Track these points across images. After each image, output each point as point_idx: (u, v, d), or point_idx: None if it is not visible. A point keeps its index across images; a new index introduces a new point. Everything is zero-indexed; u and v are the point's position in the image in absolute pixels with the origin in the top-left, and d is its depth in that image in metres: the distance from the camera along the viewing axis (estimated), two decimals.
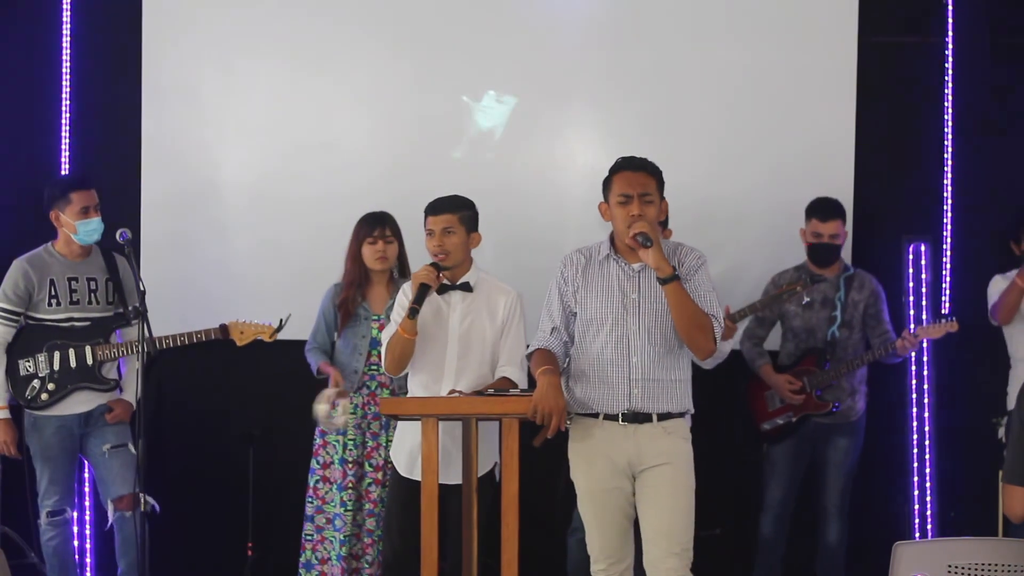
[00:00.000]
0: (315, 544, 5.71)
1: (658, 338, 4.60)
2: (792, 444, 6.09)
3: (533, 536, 4.60)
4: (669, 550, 4.53)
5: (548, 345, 4.72)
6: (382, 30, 6.59)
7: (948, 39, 6.62)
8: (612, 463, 4.60)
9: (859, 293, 6.10)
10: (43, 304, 5.66)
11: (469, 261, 5.06)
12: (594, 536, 4.67)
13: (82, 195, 5.65)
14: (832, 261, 6.11)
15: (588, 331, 4.66)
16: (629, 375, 4.59)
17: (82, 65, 6.59)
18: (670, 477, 4.57)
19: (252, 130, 6.61)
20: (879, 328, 6.10)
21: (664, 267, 4.52)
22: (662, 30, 6.59)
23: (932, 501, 6.46)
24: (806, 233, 6.11)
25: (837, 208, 6.08)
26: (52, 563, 5.74)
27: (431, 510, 4.60)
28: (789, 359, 6.12)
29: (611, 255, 4.68)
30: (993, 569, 3.85)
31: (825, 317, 6.08)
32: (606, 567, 4.65)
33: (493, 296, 5.04)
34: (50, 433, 5.68)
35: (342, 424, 5.55)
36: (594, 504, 4.65)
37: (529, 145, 6.61)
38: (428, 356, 4.99)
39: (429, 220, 5.02)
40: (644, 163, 4.68)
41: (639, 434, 4.59)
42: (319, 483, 5.72)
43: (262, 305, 6.36)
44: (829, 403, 6.01)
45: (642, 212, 4.57)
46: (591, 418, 4.64)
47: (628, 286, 4.64)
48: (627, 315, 4.61)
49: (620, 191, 4.62)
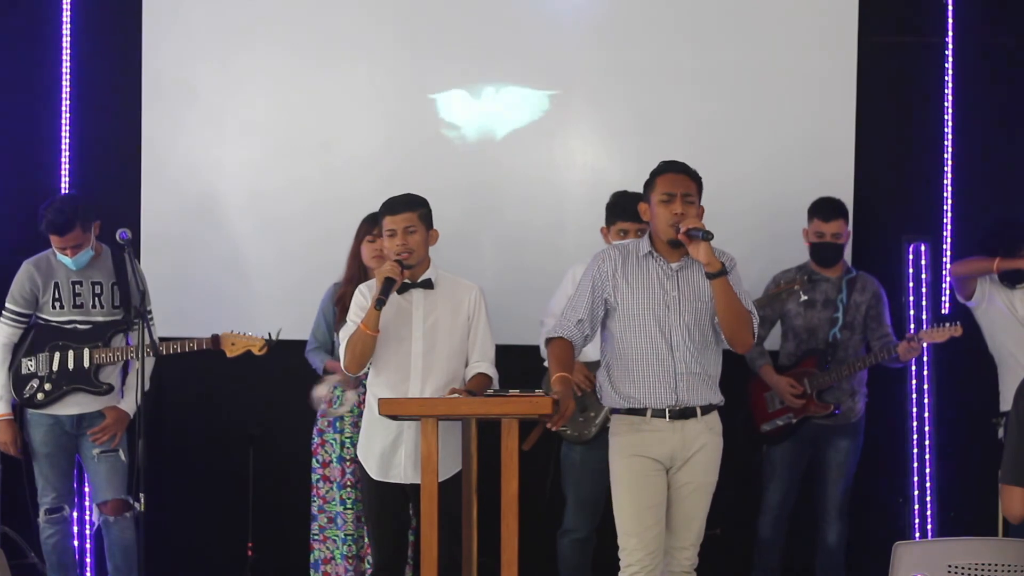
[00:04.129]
0: (319, 544, 5.72)
1: (697, 335, 4.75)
2: (792, 445, 6.08)
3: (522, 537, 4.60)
4: (690, 541, 4.77)
5: (571, 336, 4.79)
6: (383, 29, 6.59)
7: (948, 39, 6.62)
8: (656, 457, 4.73)
9: (861, 295, 6.10)
10: (48, 306, 5.69)
11: (428, 259, 5.03)
12: (632, 528, 4.70)
13: (55, 240, 5.64)
14: (835, 261, 6.11)
15: (631, 327, 4.76)
16: (675, 369, 4.73)
17: (82, 65, 6.59)
18: (703, 471, 4.76)
19: (252, 130, 6.61)
20: (880, 331, 6.09)
21: (714, 262, 4.67)
22: (662, 30, 6.59)
23: (932, 501, 6.46)
24: (809, 233, 6.10)
25: (840, 208, 6.08)
26: (51, 561, 5.76)
27: (431, 510, 4.60)
28: (789, 359, 6.12)
29: (651, 253, 4.78)
30: (993, 569, 3.85)
31: (827, 318, 6.08)
32: (642, 556, 4.67)
33: (455, 292, 5.02)
34: (45, 431, 5.70)
35: (341, 412, 5.55)
36: (637, 497, 4.71)
37: (529, 145, 6.61)
38: (393, 356, 4.94)
39: (387, 220, 4.95)
40: (686, 167, 4.83)
41: (685, 429, 4.74)
42: (319, 482, 5.74)
43: (262, 305, 6.38)
44: (831, 405, 6.00)
45: (684, 211, 4.71)
46: (638, 415, 4.75)
47: (668, 284, 4.76)
48: (669, 312, 4.74)
49: (664, 190, 4.75)
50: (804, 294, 6.06)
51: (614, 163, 6.58)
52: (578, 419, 5.65)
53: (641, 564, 4.68)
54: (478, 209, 6.52)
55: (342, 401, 5.65)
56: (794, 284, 6.01)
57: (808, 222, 6.11)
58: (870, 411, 6.20)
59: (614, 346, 4.81)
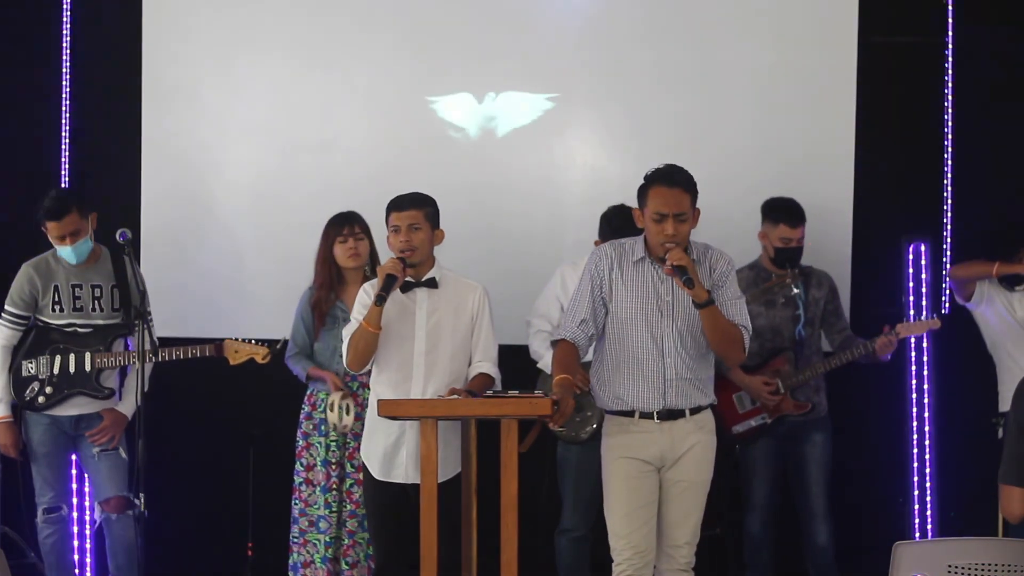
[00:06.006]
0: (299, 547, 5.68)
1: (690, 341, 4.74)
2: (768, 442, 6.02)
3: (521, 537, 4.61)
4: (685, 539, 4.76)
5: (575, 338, 4.77)
6: (382, 30, 6.59)
7: (948, 39, 6.62)
8: (646, 457, 4.72)
9: (818, 290, 6.07)
10: (47, 309, 5.69)
11: (432, 258, 5.03)
12: (621, 530, 4.71)
13: (55, 226, 5.64)
14: (797, 264, 6.07)
15: (622, 329, 4.75)
16: (664, 374, 4.71)
17: (82, 65, 6.59)
18: (695, 469, 4.75)
19: (252, 130, 6.61)
20: (839, 324, 6.08)
21: (700, 294, 4.62)
22: (661, 30, 6.58)
23: (932, 501, 6.46)
24: (770, 237, 6.03)
25: (802, 211, 6.03)
26: (49, 560, 5.76)
27: (431, 510, 4.61)
28: (754, 359, 6.01)
29: (645, 257, 4.76)
30: (993, 569, 3.85)
31: (788, 316, 6.03)
32: (631, 555, 4.68)
33: (459, 292, 5.02)
34: (42, 431, 5.70)
35: (351, 423, 5.53)
36: (627, 498, 4.71)
37: (529, 145, 6.61)
38: (395, 354, 4.94)
39: (393, 216, 4.96)
40: (679, 179, 4.71)
41: (673, 429, 4.73)
42: (303, 485, 5.70)
43: (262, 305, 6.38)
44: (808, 404, 5.97)
45: (676, 231, 4.65)
46: (626, 416, 4.74)
47: (662, 289, 4.74)
48: (661, 318, 4.73)
49: (655, 209, 4.68)
50: (795, 288, 6.02)
51: (613, 164, 6.58)
52: (574, 419, 5.64)
53: (629, 563, 4.69)
54: (478, 209, 6.52)
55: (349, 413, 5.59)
56: (786, 278, 5.98)
57: (767, 225, 6.02)
58: (870, 410, 6.19)
59: (606, 347, 4.80)
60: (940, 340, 6.35)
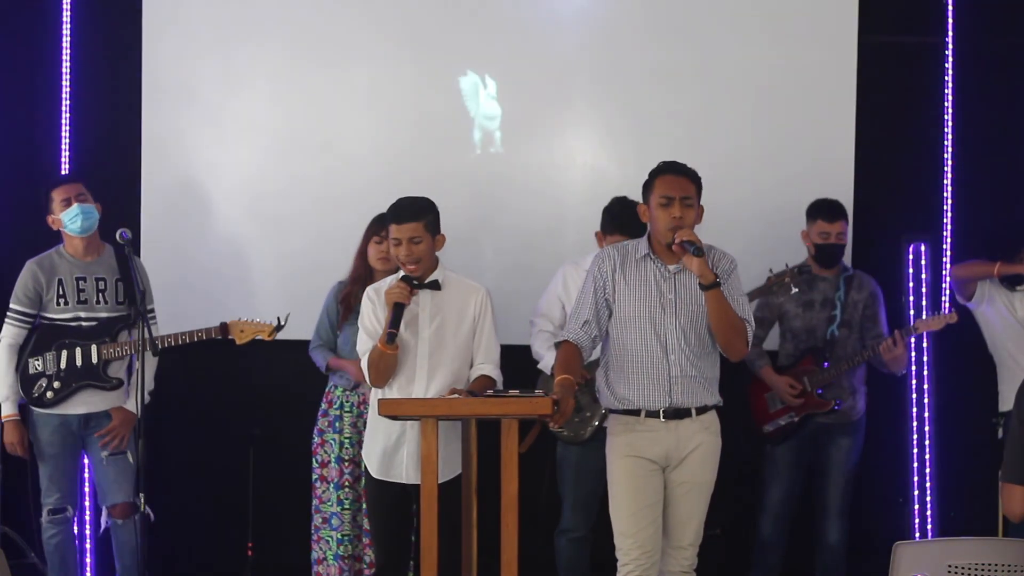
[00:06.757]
0: (315, 543, 5.74)
1: (693, 338, 4.75)
2: (794, 445, 6.08)
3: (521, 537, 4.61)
4: (689, 540, 4.77)
5: (578, 339, 4.79)
6: (382, 29, 6.59)
7: (948, 39, 6.62)
8: (651, 457, 4.73)
9: (859, 293, 6.10)
10: (52, 304, 5.69)
11: (435, 260, 5.03)
12: (628, 529, 4.72)
13: (60, 190, 5.68)
14: (838, 261, 6.11)
15: (627, 329, 4.77)
16: (669, 372, 4.73)
17: (82, 65, 6.59)
18: (699, 470, 4.77)
19: (252, 129, 6.61)
20: (874, 330, 6.09)
21: (707, 274, 4.65)
22: (661, 30, 6.59)
23: (932, 501, 6.46)
24: (811, 234, 6.09)
25: (841, 208, 6.09)
26: (53, 561, 5.75)
27: (431, 510, 4.61)
28: (788, 360, 6.12)
29: (649, 255, 4.78)
30: (993, 569, 3.86)
31: (825, 317, 6.08)
32: (638, 555, 4.69)
33: (462, 293, 5.01)
34: (51, 431, 5.70)
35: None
36: (633, 497, 4.72)
37: (529, 145, 6.61)
38: (399, 357, 4.93)
39: (393, 229, 4.92)
40: (685, 168, 4.79)
41: (679, 429, 4.75)
42: (317, 482, 5.76)
43: (262, 305, 6.36)
44: (831, 401, 6.00)
45: (683, 215, 4.69)
46: (632, 415, 4.75)
47: (665, 286, 4.76)
48: (664, 315, 4.74)
49: (662, 193, 4.72)
50: (795, 287, 6.04)
51: (614, 163, 6.58)
52: (574, 420, 5.65)
53: (637, 563, 4.69)
54: (478, 209, 6.52)
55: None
56: (784, 277, 6.00)
57: (809, 224, 6.10)
58: (870, 410, 6.20)
59: (611, 347, 4.83)
60: (940, 340, 6.36)
